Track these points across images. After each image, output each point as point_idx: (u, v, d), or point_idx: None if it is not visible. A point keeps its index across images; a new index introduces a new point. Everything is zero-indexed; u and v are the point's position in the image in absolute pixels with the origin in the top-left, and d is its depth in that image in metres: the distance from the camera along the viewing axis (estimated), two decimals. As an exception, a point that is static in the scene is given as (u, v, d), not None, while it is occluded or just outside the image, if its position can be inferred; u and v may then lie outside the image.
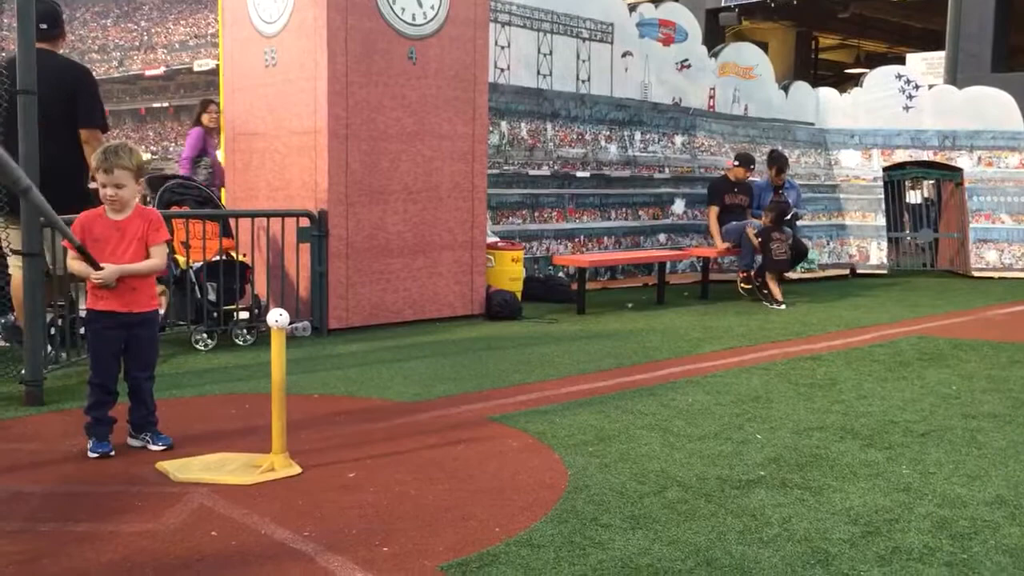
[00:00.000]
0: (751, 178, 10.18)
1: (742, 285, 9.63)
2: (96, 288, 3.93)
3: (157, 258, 3.97)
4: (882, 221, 12.21)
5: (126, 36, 66.14)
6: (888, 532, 3.24)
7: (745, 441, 4.33)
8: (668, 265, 9.91)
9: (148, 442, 4.07)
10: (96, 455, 3.92)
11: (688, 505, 3.47)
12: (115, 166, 3.89)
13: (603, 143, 10.40)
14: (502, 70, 9.37)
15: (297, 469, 3.77)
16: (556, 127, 9.95)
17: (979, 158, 12.27)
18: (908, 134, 12.38)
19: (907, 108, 12.47)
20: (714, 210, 9.98)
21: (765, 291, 9.24)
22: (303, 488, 3.59)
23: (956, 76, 17.81)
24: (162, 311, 5.47)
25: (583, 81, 10.21)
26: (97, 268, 3.87)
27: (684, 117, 11.28)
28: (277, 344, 3.73)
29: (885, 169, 12.39)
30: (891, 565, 2.96)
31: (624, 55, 10.56)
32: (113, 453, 3.96)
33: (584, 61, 10.19)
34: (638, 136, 10.78)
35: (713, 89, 11.62)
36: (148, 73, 60.33)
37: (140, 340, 4.02)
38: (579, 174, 10.15)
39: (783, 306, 8.92)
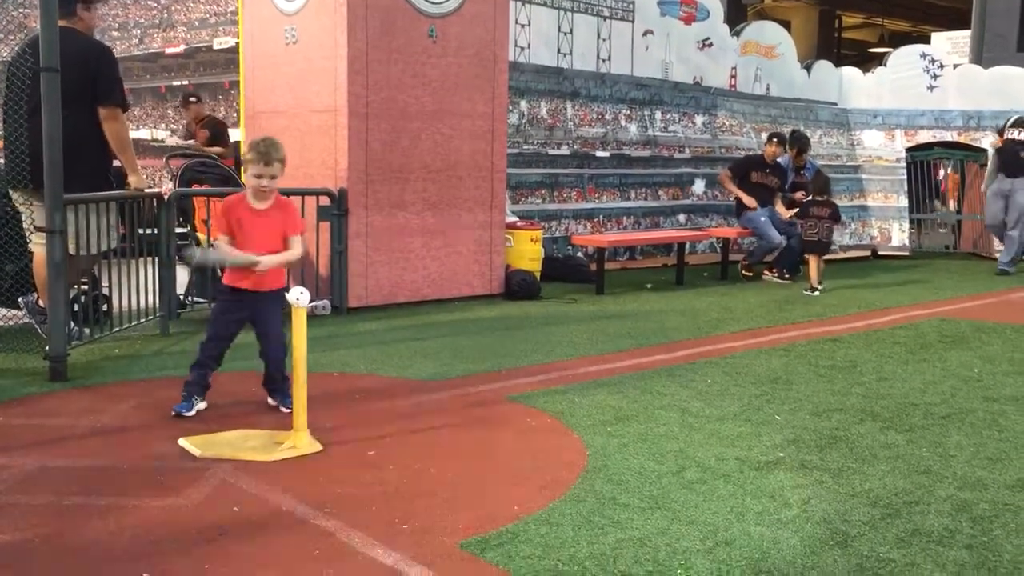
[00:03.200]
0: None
1: (743, 272, 9.62)
2: (236, 269, 4.20)
3: (297, 248, 4.28)
4: (904, 202, 12.11)
5: (146, 14, 66.19)
6: (908, 514, 3.24)
7: (764, 422, 4.33)
8: (688, 245, 9.88)
9: (279, 404, 4.32)
10: (173, 414, 4.16)
11: (707, 486, 3.47)
12: (274, 159, 4.16)
13: (623, 123, 10.35)
14: (522, 48, 9.33)
15: (318, 446, 3.79)
16: (576, 106, 9.91)
17: (1004, 139, 12.10)
18: (932, 114, 12.25)
19: (931, 88, 12.34)
20: (726, 173, 9.88)
21: (785, 275, 9.22)
22: (324, 465, 3.62)
23: (982, 55, 17.58)
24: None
25: (603, 60, 10.15)
26: (254, 262, 4.16)
27: (705, 96, 11.20)
28: (298, 322, 3.75)
29: (908, 150, 12.27)
30: (910, 547, 2.96)
31: (645, 34, 10.49)
32: (189, 413, 4.18)
33: (604, 40, 10.13)
34: (658, 116, 10.72)
35: (735, 68, 11.53)
36: (168, 51, 60.39)
37: (266, 313, 4.26)
38: (599, 154, 10.11)
39: (816, 292, 8.64)
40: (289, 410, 4.16)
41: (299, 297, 3.70)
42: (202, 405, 4.29)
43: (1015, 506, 3.33)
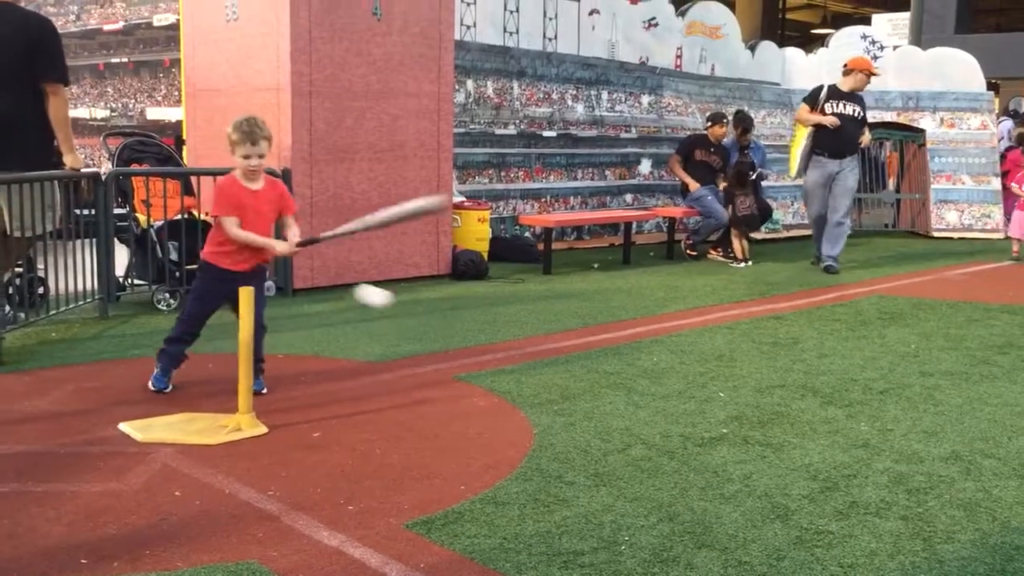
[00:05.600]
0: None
1: (688, 252, 9.73)
2: (231, 248, 4.15)
3: (295, 228, 4.29)
4: (846, 182, 12.27)
5: (83, -11, 64.41)
6: (846, 487, 3.31)
7: (708, 399, 4.38)
8: (634, 225, 9.93)
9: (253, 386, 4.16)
10: (154, 390, 4.22)
11: (651, 463, 3.51)
12: (260, 137, 4.11)
13: (570, 102, 10.35)
14: (468, 27, 9.26)
15: (263, 429, 3.76)
16: (523, 86, 9.88)
17: (941, 119, 12.37)
18: (872, 95, 12.38)
19: (871, 69, 12.50)
20: (675, 157, 9.99)
21: (730, 252, 9.36)
22: (268, 448, 3.58)
23: (920, 37, 17.87)
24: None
25: (550, 39, 10.12)
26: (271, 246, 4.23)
27: (651, 77, 11.24)
28: (243, 304, 3.70)
29: (849, 130, 12.43)
30: (848, 519, 3.03)
31: (591, 13, 10.48)
32: (168, 390, 4.24)
33: (551, 19, 10.10)
34: (605, 95, 10.73)
35: (680, 48, 11.58)
36: (106, 27, 58.94)
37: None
38: (546, 133, 10.10)
39: (745, 264, 9.03)
40: (261, 392, 4.20)
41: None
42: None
43: (949, 478, 3.42)
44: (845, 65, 9.06)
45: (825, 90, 8.91)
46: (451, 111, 7.83)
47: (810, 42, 24.63)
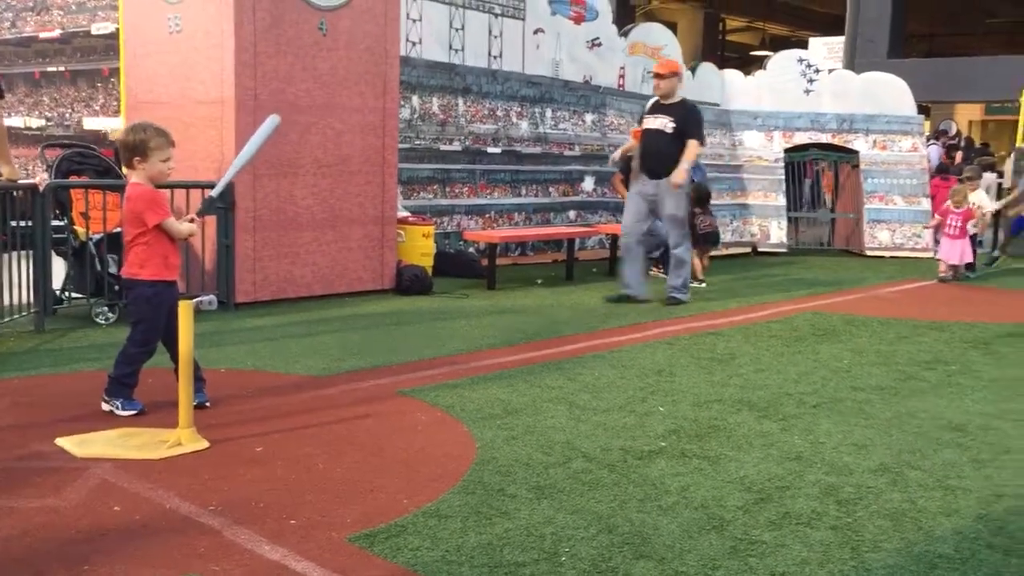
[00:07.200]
0: None
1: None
2: (172, 259, 4.13)
3: None
4: (783, 201, 12.59)
5: (18, -5, 63.02)
6: (779, 499, 3.41)
7: (648, 413, 4.47)
8: (577, 242, 10.05)
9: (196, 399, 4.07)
10: (135, 413, 4.10)
11: (592, 475, 3.57)
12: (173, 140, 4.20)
13: (514, 119, 10.45)
14: (414, 44, 9.31)
15: (204, 444, 3.74)
16: (468, 102, 9.95)
17: (874, 141, 12.73)
18: (808, 117, 12.76)
19: (807, 92, 12.84)
20: (617, 175, 10.09)
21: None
22: (210, 462, 3.57)
23: (854, 61, 18.39)
24: None
25: (495, 57, 10.22)
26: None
27: (594, 95, 11.40)
28: (184, 318, 3.69)
29: (786, 151, 12.76)
30: (781, 529, 3.12)
31: (536, 32, 10.60)
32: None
33: (496, 37, 10.20)
34: (549, 113, 10.86)
35: (623, 68, 11.76)
36: (43, 35, 57.73)
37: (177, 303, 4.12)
38: (490, 150, 10.18)
39: (701, 283, 9.11)
40: (203, 404, 4.18)
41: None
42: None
43: (877, 489, 3.54)
44: None
45: (650, 103, 8.12)
46: (396, 126, 7.86)
47: (749, 64, 25.18)
